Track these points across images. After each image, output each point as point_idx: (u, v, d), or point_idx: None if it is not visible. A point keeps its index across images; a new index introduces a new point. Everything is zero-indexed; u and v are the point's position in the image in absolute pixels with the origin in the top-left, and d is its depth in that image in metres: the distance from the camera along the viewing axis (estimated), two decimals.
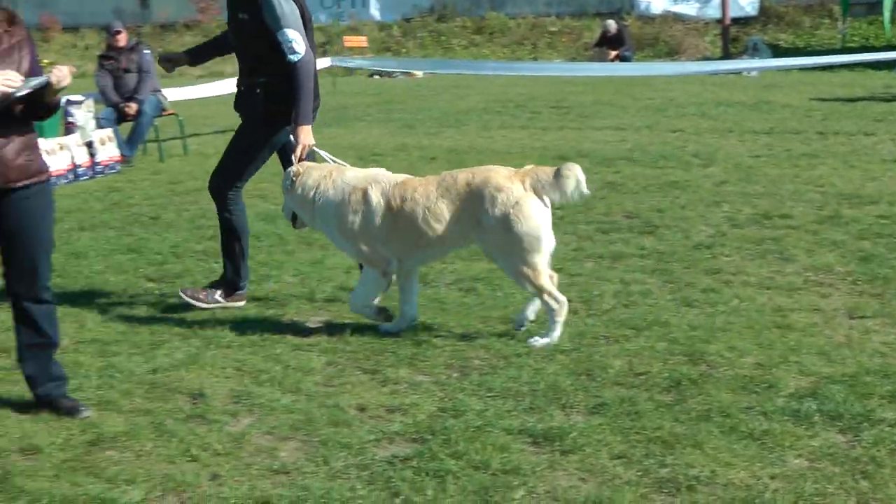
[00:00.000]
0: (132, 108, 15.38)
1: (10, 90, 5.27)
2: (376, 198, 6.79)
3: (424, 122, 19.09)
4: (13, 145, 5.44)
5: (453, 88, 25.57)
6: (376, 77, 31.10)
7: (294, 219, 7.30)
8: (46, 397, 5.74)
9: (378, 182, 6.87)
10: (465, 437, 5.16)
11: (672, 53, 32.97)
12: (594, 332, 6.81)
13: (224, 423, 5.51)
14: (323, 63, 23.99)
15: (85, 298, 7.99)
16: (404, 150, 15.34)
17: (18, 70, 5.41)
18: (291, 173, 7.08)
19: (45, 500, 4.65)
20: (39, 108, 5.54)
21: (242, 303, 7.70)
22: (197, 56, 8.05)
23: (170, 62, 7.96)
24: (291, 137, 7.28)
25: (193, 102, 19.78)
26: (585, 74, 26.40)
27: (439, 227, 6.71)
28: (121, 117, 15.48)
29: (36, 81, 5.36)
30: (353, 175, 6.98)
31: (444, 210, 6.69)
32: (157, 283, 8.47)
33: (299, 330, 7.10)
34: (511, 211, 6.52)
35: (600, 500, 4.52)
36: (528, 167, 6.80)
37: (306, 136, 7.20)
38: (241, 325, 7.14)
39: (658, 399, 5.65)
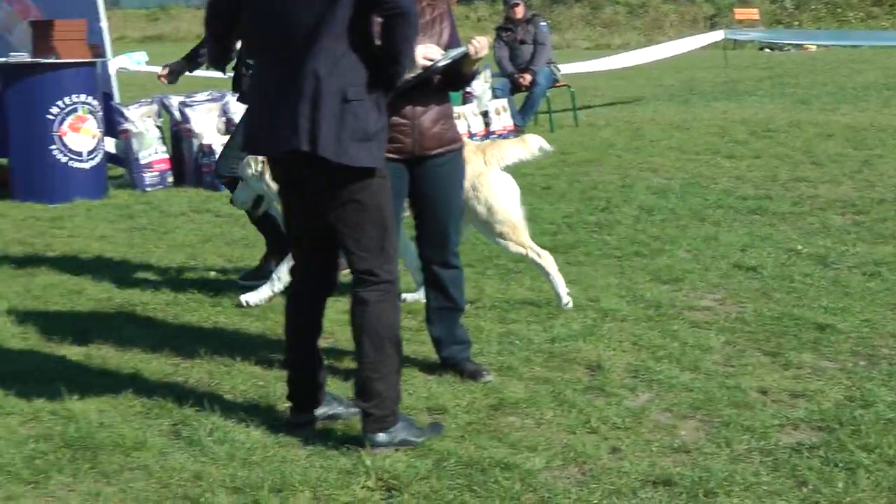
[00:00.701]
0: (526, 78, 15.68)
1: (430, 62, 5.44)
2: None
3: (819, 97, 18.39)
4: (430, 114, 5.61)
5: (850, 63, 24.50)
6: (766, 50, 30.26)
7: (255, 204, 7.52)
8: (451, 360, 5.91)
9: None
10: (876, 430, 4.90)
11: None
12: None
13: (623, 397, 5.48)
14: (715, 36, 23.63)
15: (481, 264, 8.17)
16: (798, 127, 14.83)
17: (438, 42, 5.58)
18: (259, 160, 7.10)
19: (452, 461, 4.74)
20: (456, 79, 5.69)
21: None
22: (194, 62, 8.12)
23: (172, 74, 8.10)
24: None
25: (584, 75, 19.91)
26: None
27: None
28: (515, 88, 15.81)
29: (455, 53, 5.50)
30: None
31: None
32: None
33: (694, 307, 7.00)
34: (475, 181, 6.81)
35: None
36: (486, 142, 7.34)
37: None
38: (637, 300, 7.10)
39: None
